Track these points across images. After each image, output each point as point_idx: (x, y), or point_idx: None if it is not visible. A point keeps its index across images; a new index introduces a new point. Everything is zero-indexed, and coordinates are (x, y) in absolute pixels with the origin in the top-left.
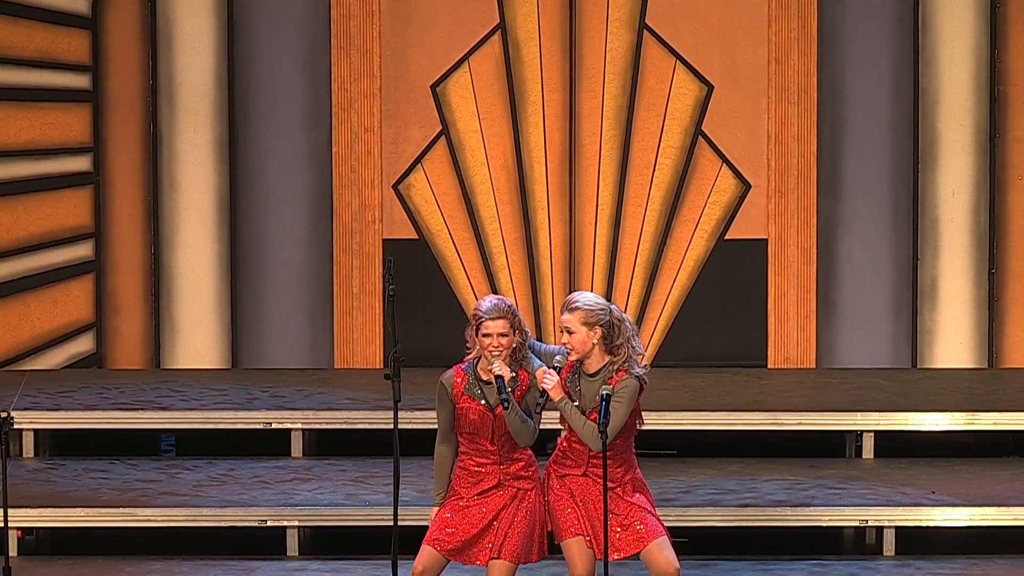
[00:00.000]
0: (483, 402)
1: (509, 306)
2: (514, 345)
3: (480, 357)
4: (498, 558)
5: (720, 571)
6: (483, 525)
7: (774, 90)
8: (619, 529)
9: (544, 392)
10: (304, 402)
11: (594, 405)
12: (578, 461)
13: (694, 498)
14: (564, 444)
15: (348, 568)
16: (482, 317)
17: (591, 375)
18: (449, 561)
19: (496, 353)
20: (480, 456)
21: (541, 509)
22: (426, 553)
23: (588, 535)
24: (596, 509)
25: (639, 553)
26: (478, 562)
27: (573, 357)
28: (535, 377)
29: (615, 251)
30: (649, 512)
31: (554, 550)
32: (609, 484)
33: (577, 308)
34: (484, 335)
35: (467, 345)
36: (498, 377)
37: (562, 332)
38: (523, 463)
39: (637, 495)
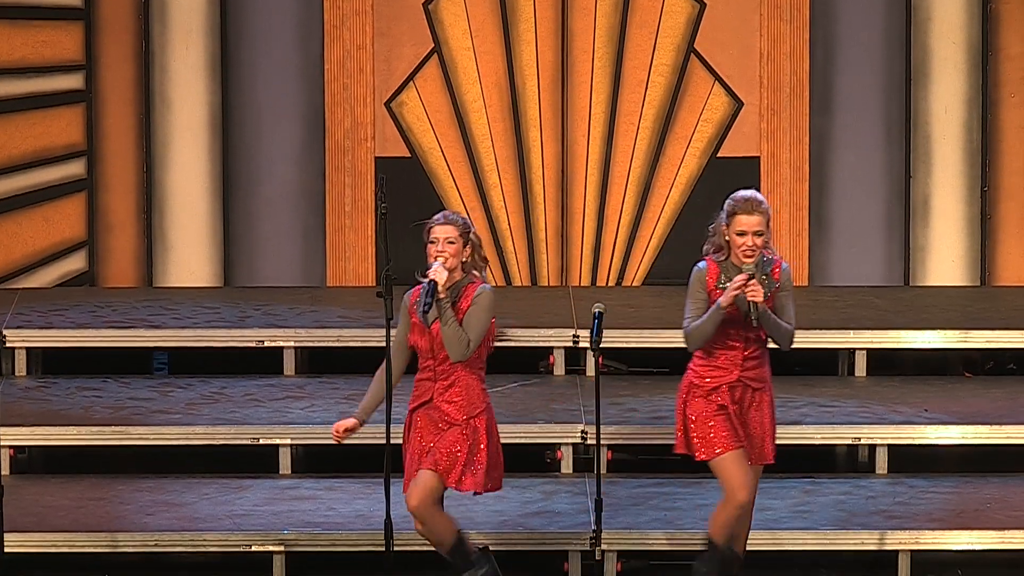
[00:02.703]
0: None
1: (464, 221)
2: (464, 260)
3: None
4: (422, 468)
5: (712, 488)
6: (417, 449)
7: (766, 7)
8: (758, 436)
9: (753, 302)
10: (297, 320)
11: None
12: (730, 366)
13: None
14: (706, 356)
15: (340, 486)
16: (431, 224)
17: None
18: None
19: (440, 258)
20: (423, 371)
21: (475, 439)
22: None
23: (746, 446)
24: (754, 418)
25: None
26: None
27: (752, 261)
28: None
29: (607, 169)
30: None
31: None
32: (757, 385)
33: (765, 208)
34: (430, 241)
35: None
36: (431, 281)
37: (754, 235)
38: (459, 388)
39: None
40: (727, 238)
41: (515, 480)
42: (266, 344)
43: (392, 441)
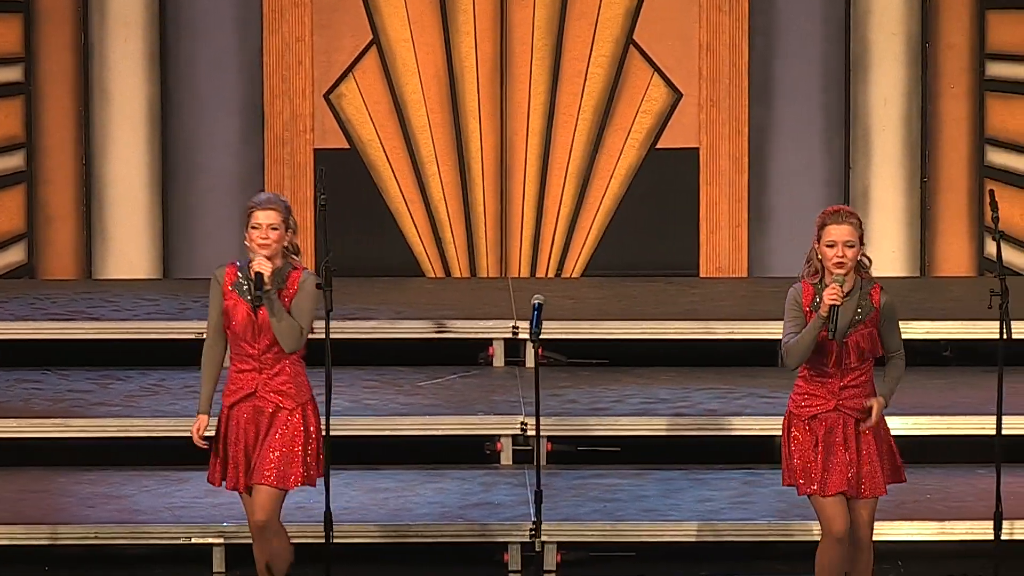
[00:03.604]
0: (248, 300)
1: (285, 203)
2: (285, 244)
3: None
4: (261, 484)
5: (653, 480)
6: (243, 446)
7: None
8: (868, 467)
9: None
10: None
11: (851, 325)
12: (827, 395)
13: (626, 407)
14: (805, 384)
15: None
16: (253, 207)
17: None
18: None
19: (261, 246)
20: (241, 362)
21: (307, 430)
22: (245, 500)
23: (846, 485)
24: (864, 450)
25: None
26: (238, 488)
27: (843, 272)
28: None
29: (547, 160)
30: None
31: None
32: (861, 416)
33: (856, 220)
34: (253, 226)
35: (245, 242)
36: (257, 274)
37: (844, 246)
38: (286, 377)
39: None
40: (819, 256)
41: (455, 472)
42: (205, 336)
43: (331, 433)
